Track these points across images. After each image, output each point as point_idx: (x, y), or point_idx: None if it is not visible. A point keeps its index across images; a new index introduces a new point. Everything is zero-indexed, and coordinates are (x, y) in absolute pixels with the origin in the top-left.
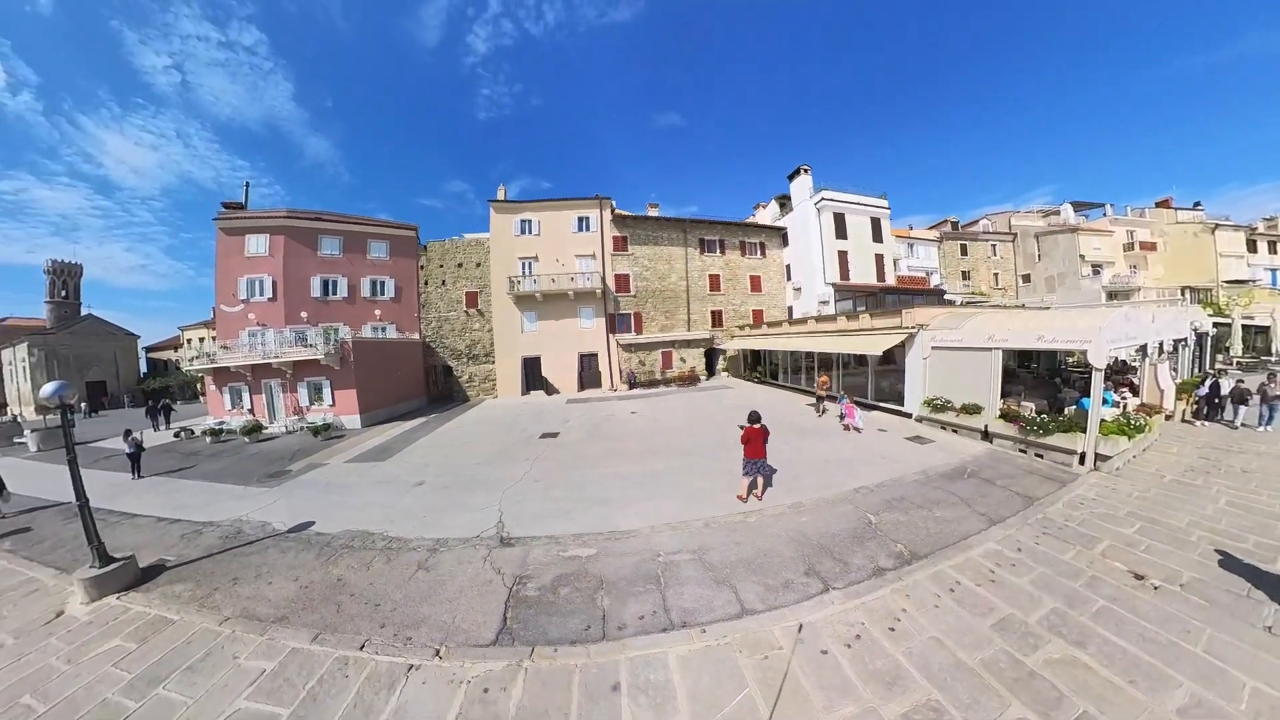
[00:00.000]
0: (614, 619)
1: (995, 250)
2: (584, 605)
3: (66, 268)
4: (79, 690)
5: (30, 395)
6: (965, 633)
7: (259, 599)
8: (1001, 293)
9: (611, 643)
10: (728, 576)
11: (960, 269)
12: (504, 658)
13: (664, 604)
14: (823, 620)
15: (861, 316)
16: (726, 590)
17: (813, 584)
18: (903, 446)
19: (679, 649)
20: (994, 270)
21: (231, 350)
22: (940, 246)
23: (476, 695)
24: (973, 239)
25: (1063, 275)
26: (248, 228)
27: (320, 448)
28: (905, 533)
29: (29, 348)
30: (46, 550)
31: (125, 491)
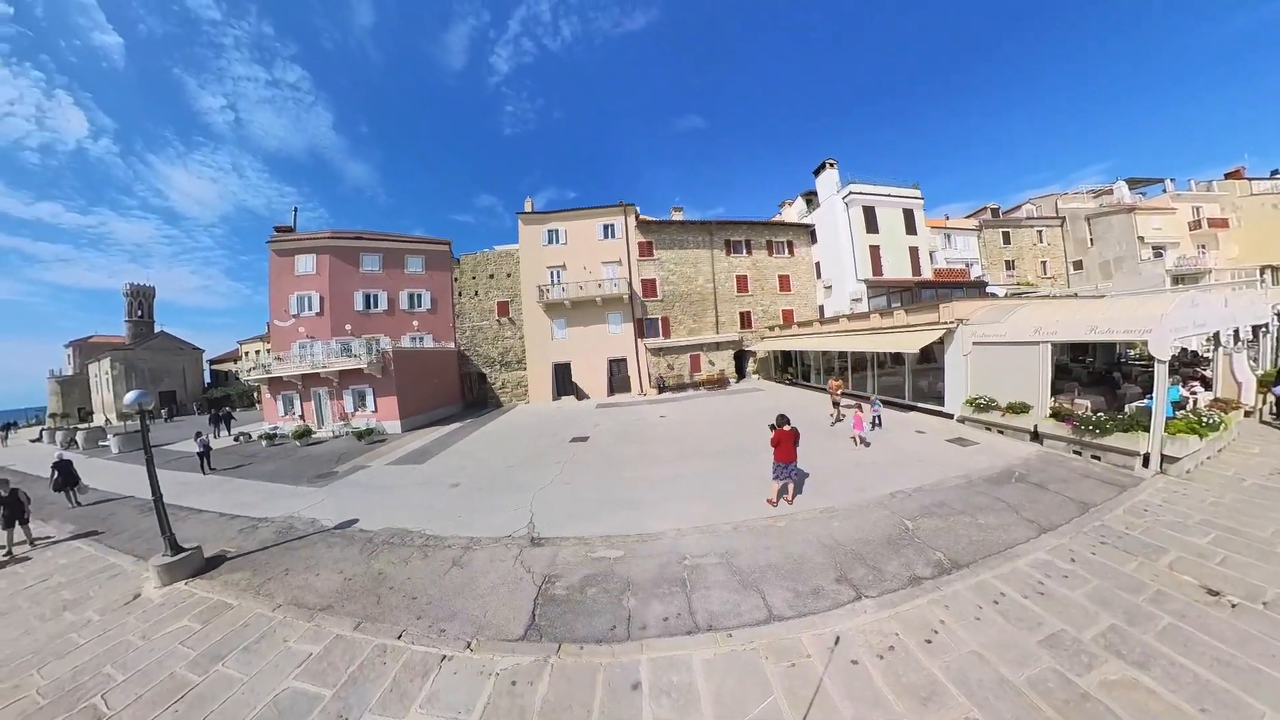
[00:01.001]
0: (639, 620)
1: (1041, 236)
2: (610, 605)
3: (142, 290)
4: (151, 663)
5: (113, 404)
6: (1010, 648)
7: (307, 589)
8: (1050, 282)
9: (636, 643)
10: (755, 581)
11: (1003, 258)
12: (532, 653)
13: (689, 607)
14: (854, 629)
15: (896, 313)
16: (754, 595)
17: (844, 591)
18: (943, 449)
19: (704, 652)
20: (1041, 258)
21: (284, 361)
22: (980, 235)
23: (504, 687)
24: (1015, 226)
25: (1120, 260)
26: (297, 249)
27: (364, 451)
28: (945, 540)
29: (111, 362)
30: (126, 540)
31: (192, 489)
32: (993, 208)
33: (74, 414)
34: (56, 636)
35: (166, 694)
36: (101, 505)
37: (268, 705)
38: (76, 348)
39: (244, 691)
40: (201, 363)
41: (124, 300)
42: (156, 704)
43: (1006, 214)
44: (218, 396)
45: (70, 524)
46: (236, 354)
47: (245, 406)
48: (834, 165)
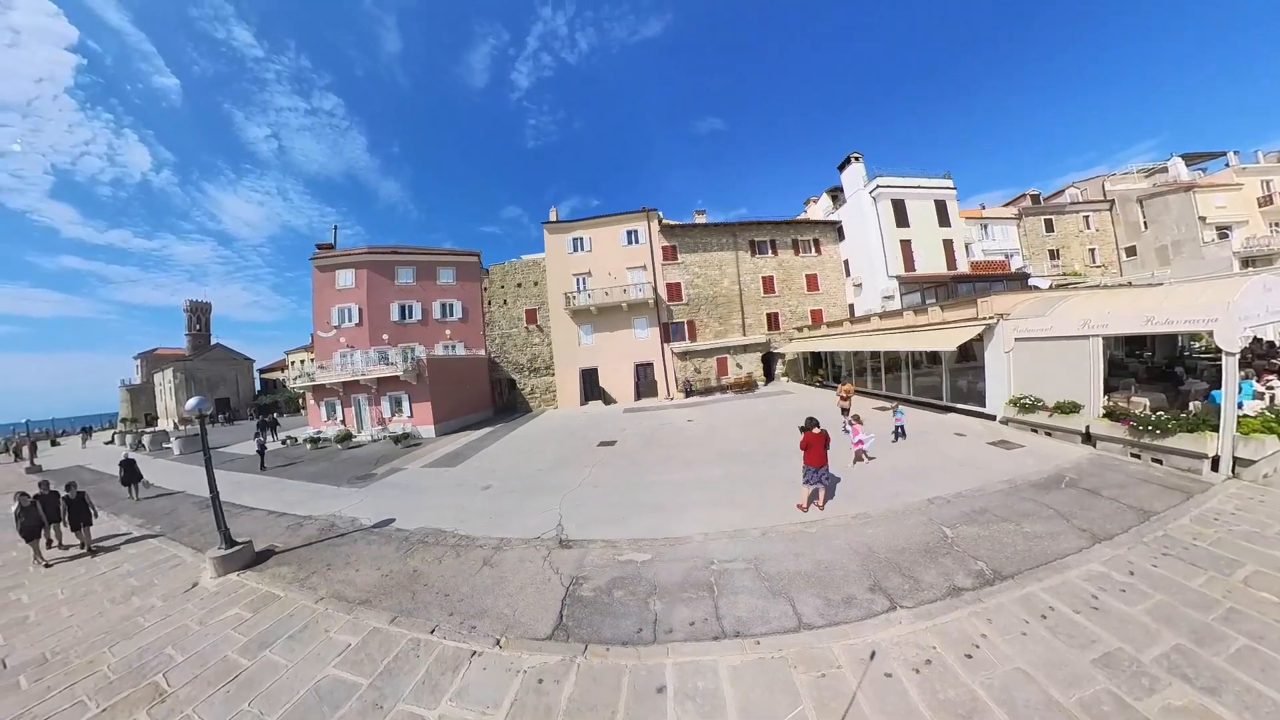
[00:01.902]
0: (665, 623)
1: (1089, 222)
2: (637, 608)
3: (199, 306)
4: (207, 647)
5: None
6: (1059, 666)
7: (347, 583)
8: (1100, 271)
9: (663, 646)
10: (785, 588)
11: (1046, 248)
12: (559, 652)
13: (716, 612)
14: (889, 641)
15: (931, 309)
16: (783, 602)
17: (878, 601)
18: (984, 452)
19: (730, 659)
20: (1089, 245)
21: (326, 370)
22: (1020, 224)
23: (531, 685)
24: (1059, 212)
25: (1179, 243)
26: (337, 264)
27: (400, 454)
28: (987, 549)
29: (174, 372)
30: (186, 534)
31: (245, 488)
32: (1032, 194)
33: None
34: (125, 619)
35: (219, 675)
36: (165, 502)
37: (309, 691)
38: (144, 359)
39: (288, 677)
40: (252, 372)
41: (184, 315)
42: (211, 684)
43: (1048, 200)
44: (266, 403)
45: (139, 518)
46: (284, 363)
47: (291, 412)
48: (859, 159)
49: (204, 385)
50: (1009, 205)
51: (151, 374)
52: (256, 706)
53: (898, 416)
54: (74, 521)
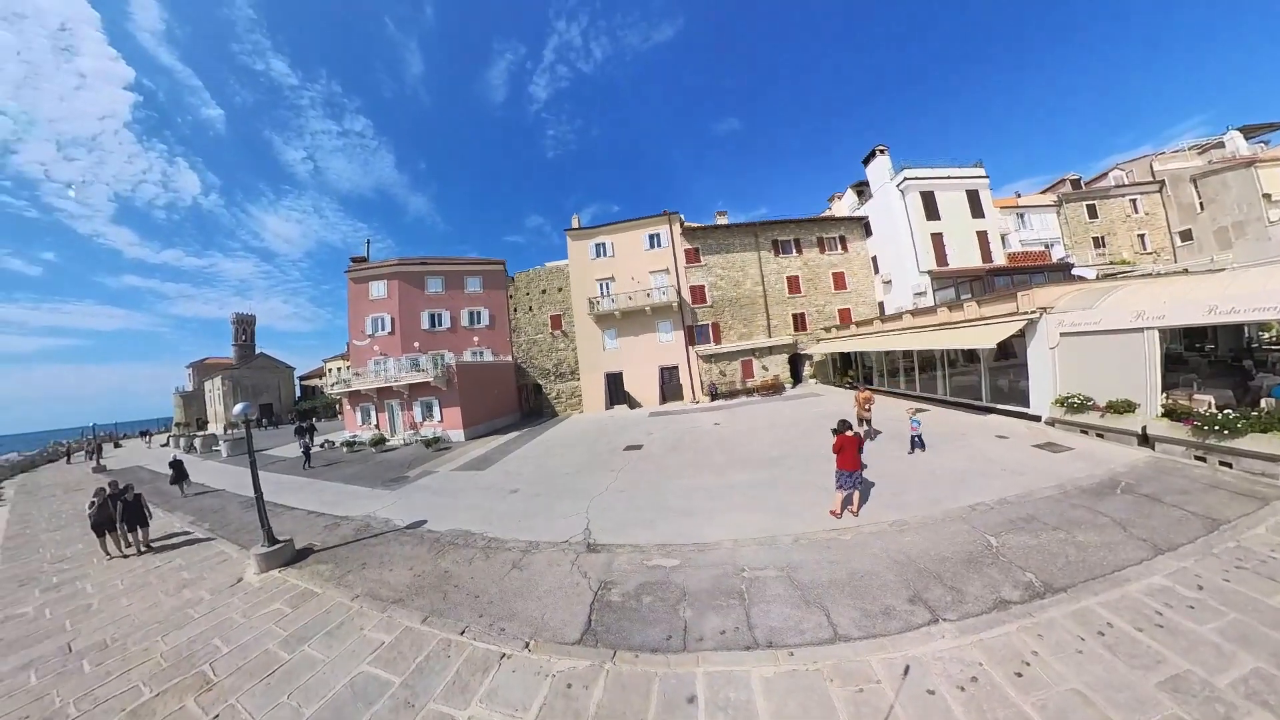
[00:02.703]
0: (695, 631)
1: (1136, 206)
2: (666, 615)
3: (245, 318)
4: (249, 639)
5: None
6: (1120, 689)
7: (381, 583)
8: (1152, 257)
9: (691, 654)
10: (819, 597)
11: (1090, 235)
12: (587, 657)
13: (748, 621)
14: (930, 655)
15: (967, 305)
16: (817, 612)
17: (918, 613)
18: (1030, 456)
19: (763, 669)
20: (1137, 231)
21: (361, 376)
22: (1060, 211)
23: (560, 689)
24: (1103, 196)
25: (1241, 225)
26: (370, 276)
27: (431, 458)
28: (1036, 559)
29: (222, 379)
30: (232, 531)
31: (286, 488)
32: (1072, 179)
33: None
34: (176, 610)
35: (261, 667)
36: (213, 500)
37: (345, 685)
38: (195, 368)
39: (325, 671)
40: (293, 379)
41: (231, 327)
42: (253, 675)
43: (1090, 184)
44: (305, 409)
45: (190, 515)
46: (322, 370)
47: (329, 417)
48: (884, 152)
49: (249, 392)
50: (1047, 192)
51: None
52: (295, 699)
53: (914, 426)
54: (130, 522)
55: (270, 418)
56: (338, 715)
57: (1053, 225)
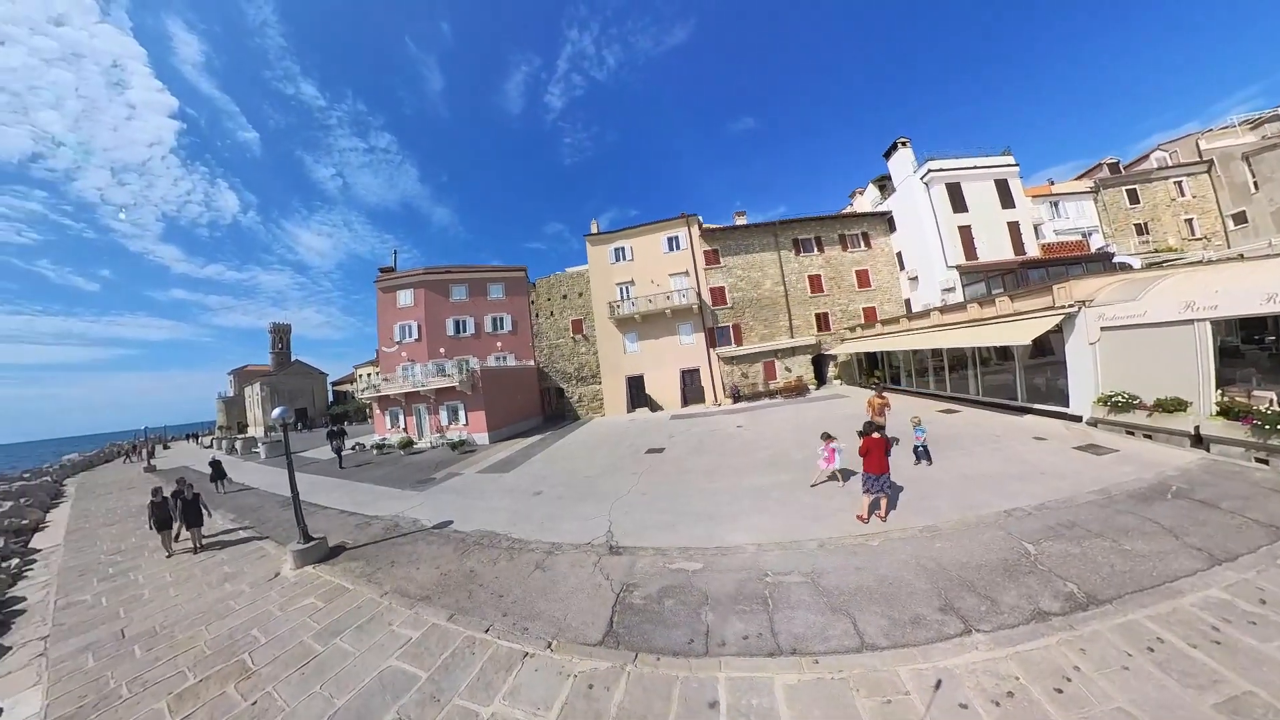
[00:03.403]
0: (717, 636)
1: (1182, 188)
2: (688, 618)
3: (281, 328)
4: (285, 631)
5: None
6: (1172, 709)
7: (409, 580)
8: (1202, 243)
9: (713, 659)
10: (845, 604)
11: (1131, 222)
12: (609, 659)
13: (771, 627)
14: (963, 668)
15: (999, 300)
16: (843, 619)
17: (950, 622)
18: (1070, 459)
19: (786, 676)
20: (1184, 215)
21: (390, 382)
22: (1098, 198)
23: (581, 689)
24: (1144, 180)
25: None
26: (398, 285)
27: (457, 460)
28: (1078, 568)
29: (260, 385)
30: (271, 528)
31: (320, 488)
32: (1110, 163)
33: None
34: (219, 602)
35: (296, 658)
36: (252, 499)
37: (374, 678)
38: (236, 375)
39: (355, 664)
40: (326, 384)
41: (268, 336)
42: (289, 665)
43: (1130, 167)
44: (337, 413)
45: (232, 513)
46: (353, 376)
47: (359, 421)
48: (906, 144)
49: (285, 397)
50: (1082, 178)
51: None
52: (327, 690)
53: (918, 435)
54: (188, 521)
55: (305, 422)
56: (367, 706)
57: (1090, 213)
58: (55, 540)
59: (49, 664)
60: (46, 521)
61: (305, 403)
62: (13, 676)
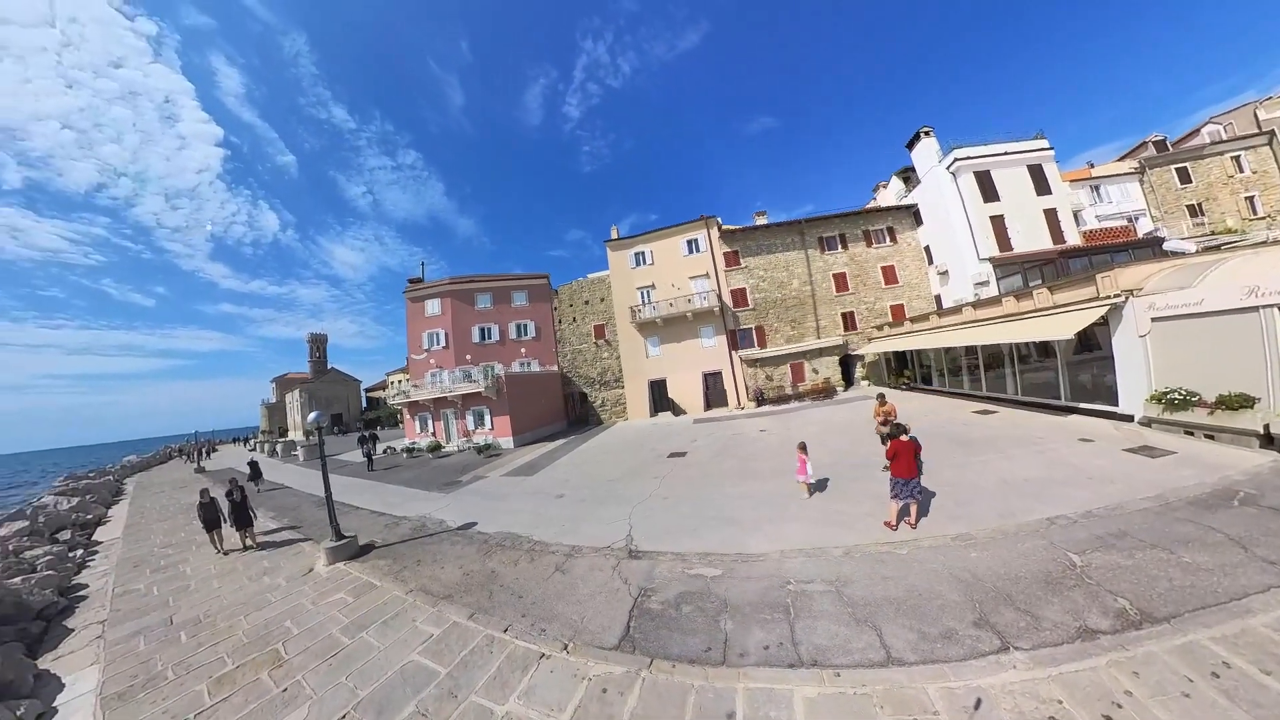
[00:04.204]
0: (736, 645)
1: (1240, 164)
2: (706, 626)
3: (318, 338)
4: (316, 624)
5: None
6: None
7: (433, 579)
8: (1266, 222)
9: (733, 669)
10: (870, 616)
11: (1183, 203)
12: (624, 664)
13: (792, 637)
14: (999, 688)
15: (1037, 293)
16: (868, 631)
17: (985, 638)
18: (1121, 461)
19: (806, 689)
20: (1244, 193)
21: (419, 388)
22: (1144, 179)
23: (596, 693)
24: (1196, 156)
25: None
26: (425, 295)
27: (482, 464)
28: (1130, 583)
29: (299, 392)
30: (307, 527)
31: (352, 489)
32: (1156, 140)
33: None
34: (257, 594)
35: (326, 649)
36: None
37: (396, 672)
38: (277, 382)
39: (379, 657)
40: (360, 391)
41: (306, 346)
42: (319, 656)
43: (1179, 144)
44: (370, 418)
45: (271, 511)
46: (385, 383)
47: (391, 425)
48: (930, 133)
49: (322, 403)
50: (1125, 158)
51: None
52: (352, 680)
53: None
54: (237, 522)
55: (341, 426)
56: (389, 698)
57: (1136, 196)
58: (115, 534)
59: (105, 645)
60: (108, 516)
61: (341, 408)
62: (74, 655)
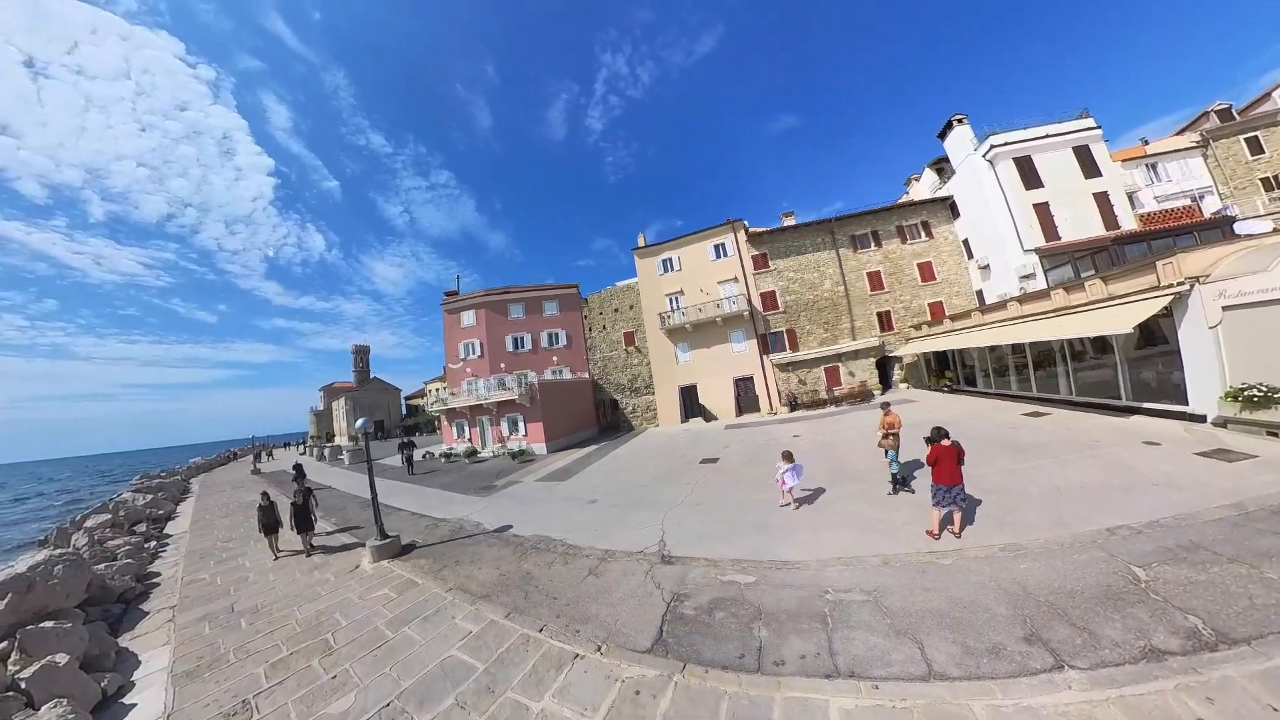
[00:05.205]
0: (771, 653)
1: None
2: (739, 632)
3: (361, 349)
4: (362, 617)
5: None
6: None
7: (471, 579)
8: None
9: (767, 677)
10: (911, 627)
11: (1255, 176)
12: (657, 667)
13: (829, 646)
14: (1051, 708)
15: (1089, 284)
16: (908, 644)
17: (1036, 655)
18: (1191, 466)
19: (844, 701)
20: None
21: (456, 396)
22: (1208, 152)
23: (628, 695)
24: (1270, 124)
25: None
26: (461, 307)
27: (517, 469)
28: (1204, 599)
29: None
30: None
31: (394, 492)
32: (1218, 109)
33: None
34: (309, 587)
35: (371, 641)
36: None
37: (436, 665)
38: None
39: (420, 651)
40: (400, 399)
41: (351, 357)
42: (364, 647)
43: (1247, 111)
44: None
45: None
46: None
47: (429, 432)
48: (963, 120)
49: (365, 410)
50: (1185, 131)
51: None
52: (395, 671)
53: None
54: (299, 525)
55: (382, 432)
56: (429, 690)
57: (1199, 172)
58: (183, 528)
59: (175, 628)
60: (177, 512)
61: (382, 415)
62: (149, 635)
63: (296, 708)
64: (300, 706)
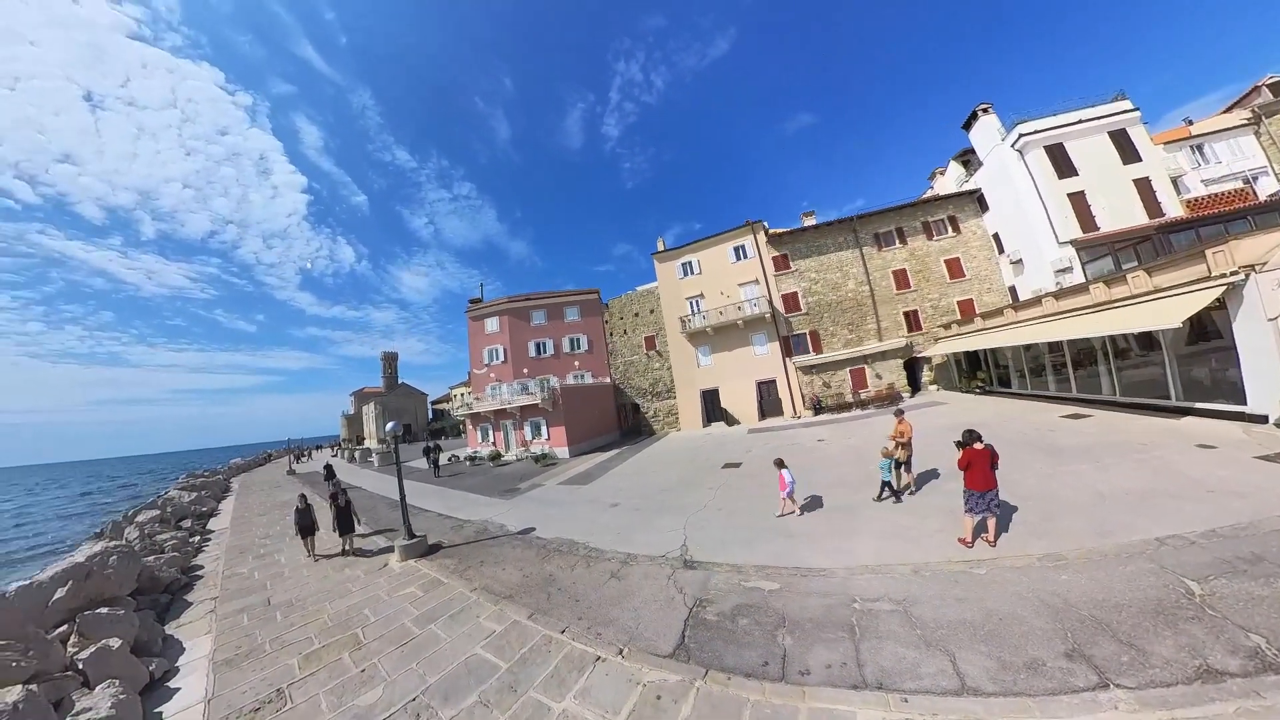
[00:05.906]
0: (796, 661)
1: None
2: (763, 640)
3: (389, 355)
4: (390, 613)
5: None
6: None
7: (495, 579)
8: None
9: (791, 686)
10: (942, 639)
11: None
12: (679, 672)
13: (856, 656)
14: None
15: (1131, 277)
16: (939, 656)
17: (1079, 672)
18: (1252, 471)
19: (871, 713)
20: None
21: (480, 400)
22: (1261, 129)
23: (650, 699)
24: None
25: None
26: (485, 314)
27: (540, 472)
28: (1266, 616)
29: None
30: (381, 526)
31: (421, 494)
32: (1270, 83)
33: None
34: (340, 584)
35: (398, 637)
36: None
37: (461, 663)
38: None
39: (446, 648)
40: (426, 403)
41: (380, 363)
42: (392, 643)
43: None
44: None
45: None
46: (449, 396)
47: (454, 435)
48: (989, 110)
49: (394, 414)
50: (1233, 108)
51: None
52: (421, 667)
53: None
54: (341, 527)
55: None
56: (454, 686)
57: (1252, 151)
58: (224, 524)
59: (216, 619)
60: (218, 510)
61: (410, 419)
62: (193, 624)
63: (328, 698)
64: (331, 698)
